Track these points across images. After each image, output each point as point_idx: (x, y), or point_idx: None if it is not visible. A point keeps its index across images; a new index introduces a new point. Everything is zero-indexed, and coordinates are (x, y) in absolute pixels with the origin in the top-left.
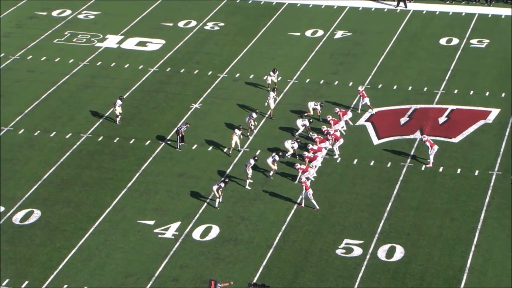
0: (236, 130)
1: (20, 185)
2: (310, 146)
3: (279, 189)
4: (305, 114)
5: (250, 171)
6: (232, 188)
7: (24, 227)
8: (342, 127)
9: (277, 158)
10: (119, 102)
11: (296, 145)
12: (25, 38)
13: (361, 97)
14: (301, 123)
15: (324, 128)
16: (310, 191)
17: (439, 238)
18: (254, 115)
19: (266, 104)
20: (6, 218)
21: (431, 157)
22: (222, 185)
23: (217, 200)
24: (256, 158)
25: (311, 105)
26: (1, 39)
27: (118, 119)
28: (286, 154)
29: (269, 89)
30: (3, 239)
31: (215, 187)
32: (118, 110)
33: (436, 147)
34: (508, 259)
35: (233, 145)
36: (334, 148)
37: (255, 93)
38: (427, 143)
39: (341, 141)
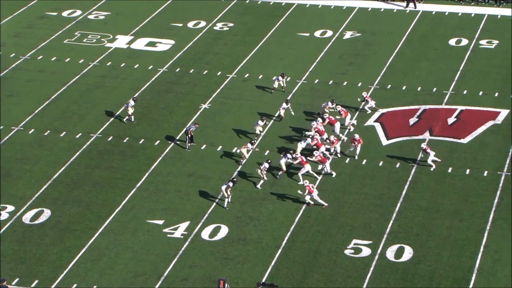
0: (249, 144)
1: (30, 185)
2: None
3: (288, 190)
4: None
5: (265, 173)
6: (241, 188)
7: (34, 227)
8: (348, 123)
9: (290, 157)
10: (131, 102)
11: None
12: (35, 38)
13: (367, 101)
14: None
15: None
16: (316, 192)
17: (448, 238)
18: (261, 122)
19: (278, 113)
20: (16, 217)
21: (430, 162)
22: (231, 184)
23: (226, 200)
24: (269, 161)
25: (325, 107)
26: (12, 39)
27: (126, 118)
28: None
29: (273, 91)
30: (13, 238)
31: (223, 187)
32: (131, 110)
33: (432, 153)
34: None
35: (247, 156)
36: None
37: (264, 93)
38: (428, 150)
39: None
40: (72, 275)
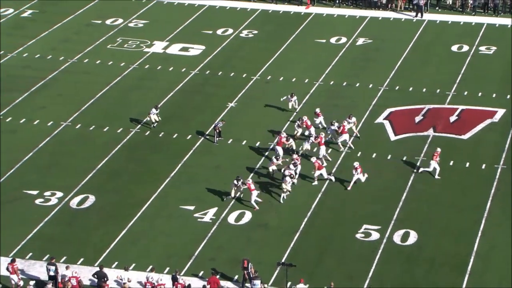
0: (274, 160)
1: (76, 174)
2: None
3: (305, 181)
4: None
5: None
6: (264, 179)
7: (80, 211)
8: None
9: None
10: (154, 110)
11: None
12: (82, 44)
13: (318, 116)
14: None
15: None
16: (255, 193)
17: (449, 225)
18: (275, 161)
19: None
20: (65, 202)
21: (359, 177)
22: (235, 182)
23: (231, 194)
24: (290, 172)
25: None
26: (61, 44)
27: (153, 125)
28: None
29: (295, 112)
30: (62, 221)
31: (232, 186)
32: (153, 117)
33: (359, 172)
34: (511, 245)
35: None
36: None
37: (286, 93)
38: (358, 169)
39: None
40: (113, 255)
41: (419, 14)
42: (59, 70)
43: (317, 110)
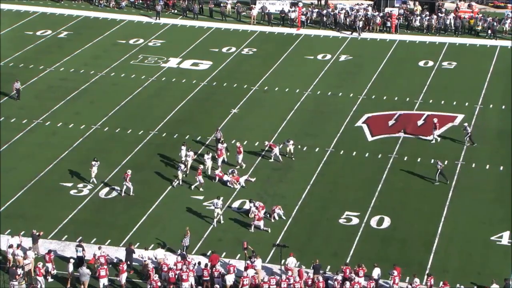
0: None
1: (105, 168)
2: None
3: (298, 174)
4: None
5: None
6: (262, 172)
7: (108, 200)
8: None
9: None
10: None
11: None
12: (110, 60)
13: (272, 149)
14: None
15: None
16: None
17: (417, 211)
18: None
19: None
20: (95, 193)
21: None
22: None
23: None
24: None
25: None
26: (92, 60)
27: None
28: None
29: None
30: (92, 208)
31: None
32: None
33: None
34: (469, 228)
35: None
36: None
37: (280, 101)
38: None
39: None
40: (136, 237)
41: (356, 33)
42: (90, 82)
43: (266, 143)
